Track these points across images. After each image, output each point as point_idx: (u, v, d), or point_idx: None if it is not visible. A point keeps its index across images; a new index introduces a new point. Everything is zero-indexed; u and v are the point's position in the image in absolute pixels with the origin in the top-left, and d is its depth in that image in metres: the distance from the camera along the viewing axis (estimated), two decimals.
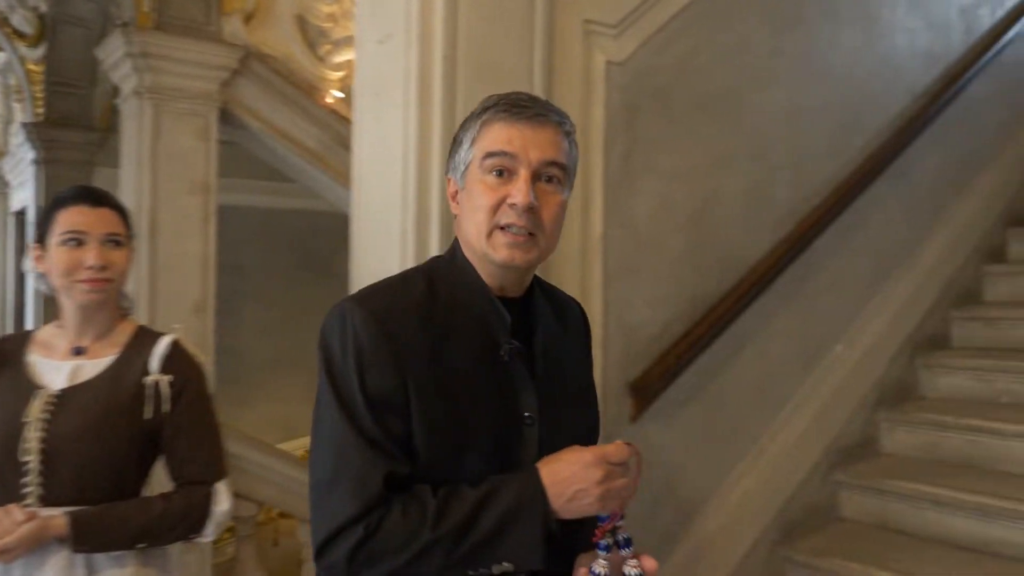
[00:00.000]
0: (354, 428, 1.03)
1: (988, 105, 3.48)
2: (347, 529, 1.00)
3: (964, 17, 3.32)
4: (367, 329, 1.04)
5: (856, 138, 2.77)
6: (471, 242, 1.11)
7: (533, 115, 1.09)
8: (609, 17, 2.01)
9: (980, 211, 3.39)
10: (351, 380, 1.04)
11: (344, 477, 1.02)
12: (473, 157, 1.11)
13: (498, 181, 1.08)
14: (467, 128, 1.13)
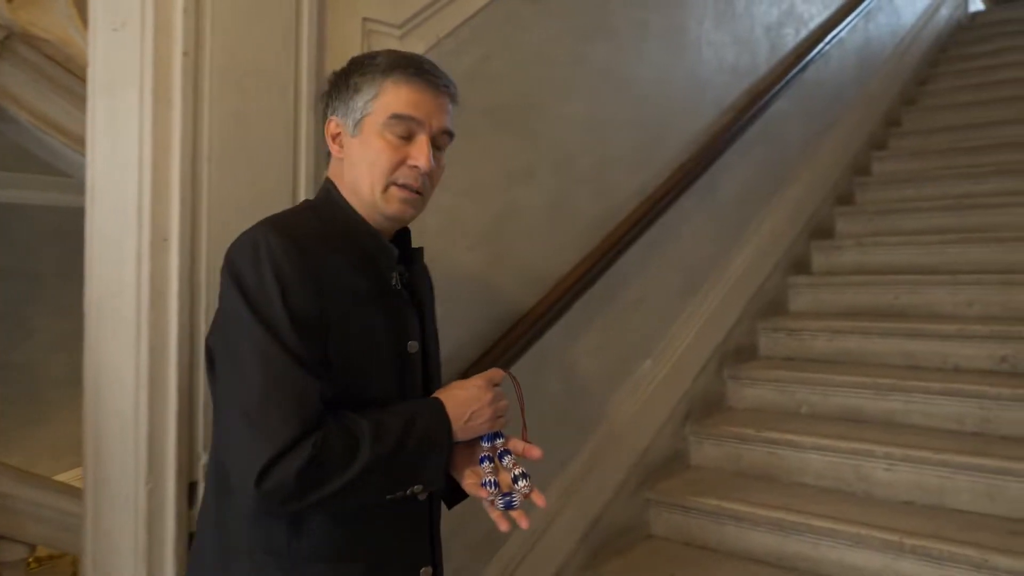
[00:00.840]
0: (283, 348, 1.03)
1: (792, 122, 3.60)
2: (293, 449, 0.99)
3: (769, 35, 3.42)
4: (287, 253, 1.06)
5: (663, 151, 2.76)
6: (359, 190, 1.18)
7: (436, 83, 1.19)
8: (392, 17, 1.85)
9: (785, 224, 3.50)
10: (274, 301, 1.04)
11: (280, 397, 1.01)
12: (374, 111, 1.16)
13: (400, 141, 1.15)
14: (368, 77, 1.17)
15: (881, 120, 4.53)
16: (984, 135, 4.10)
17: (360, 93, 1.17)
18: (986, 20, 5.92)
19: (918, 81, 5.05)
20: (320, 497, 1.02)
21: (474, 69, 2.07)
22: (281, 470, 0.99)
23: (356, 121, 1.18)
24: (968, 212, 3.49)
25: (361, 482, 1.04)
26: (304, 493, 1.00)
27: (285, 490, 0.99)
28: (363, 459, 1.03)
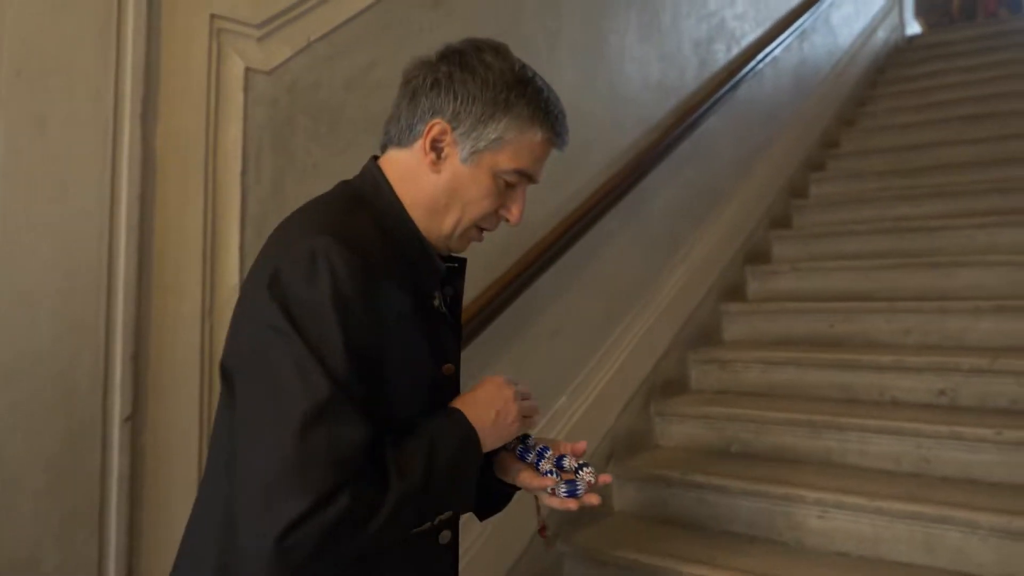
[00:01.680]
0: (333, 381, 0.87)
1: (725, 141, 3.45)
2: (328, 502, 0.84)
3: (698, 51, 3.26)
4: (352, 272, 0.90)
5: (582, 170, 2.56)
6: (439, 213, 1.04)
7: (563, 147, 1.08)
8: (250, 14, 1.62)
9: (719, 248, 3.33)
10: (330, 326, 0.88)
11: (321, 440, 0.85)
12: (501, 151, 1.01)
13: (506, 189, 1.04)
14: (511, 112, 1.01)
15: (818, 141, 4.41)
16: (922, 156, 4.01)
17: (496, 124, 1.01)
18: (923, 43, 5.90)
19: (856, 102, 4.96)
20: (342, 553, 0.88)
21: (355, 77, 1.85)
22: (311, 525, 0.84)
23: (477, 150, 1.02)
24: (906, 235, 3.35)
25: (388, 527, 0.90)
26: (326, 551, 0.86)
27: (306, 548, 0.84)
28: (394, 504, 0.89)
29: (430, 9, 2.03)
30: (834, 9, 4.68)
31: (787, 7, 4.06)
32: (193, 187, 1.51)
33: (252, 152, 1.61)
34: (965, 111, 4.31)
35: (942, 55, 5.42)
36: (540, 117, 1.03)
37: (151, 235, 1.45)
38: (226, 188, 1.56)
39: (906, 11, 6.12)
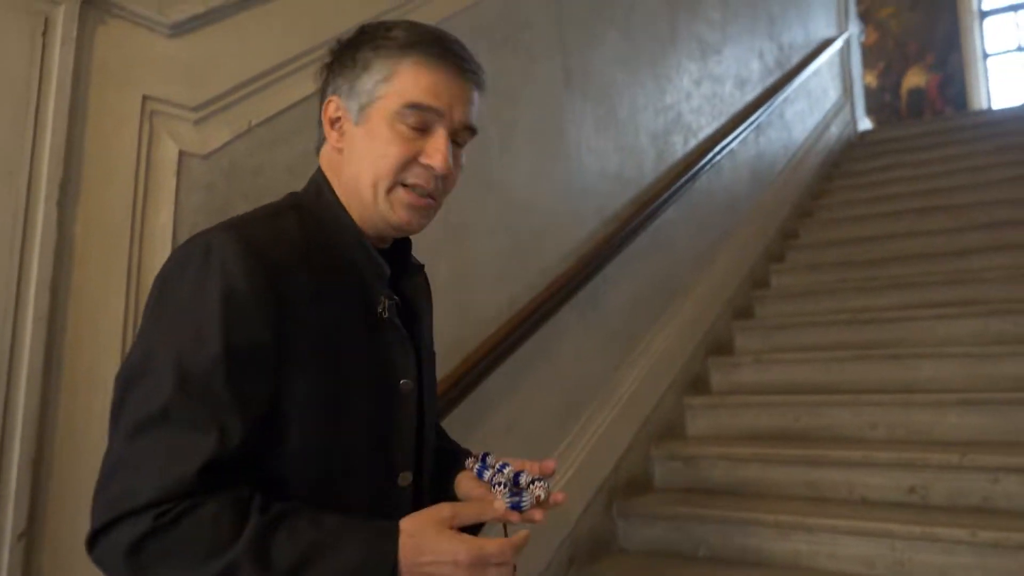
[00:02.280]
0: (183, 392, 0.80)
1: (684, 232, 3.43)
2: (135, 515, 0.77)
3: (656, 143, 3.28)
4: (244, 266, 0.84)
5: (538, 261, 2.50)
6: (359, 188, 0.97)
7: (465, 69, 0.97)
8: (187, 96, 1.55)
9: (680, 339, 3.26)
10: (208, 330, 0.82)
11: (150, 451, 0.79)
12: (386, 95, 0.94)
13: (413, 134, 0.95)
14: (379, 51, 0.95)
15: (777, 232, 4.45)
16: (878, 248, 4.04)
17: (370, 72, 0.95)
18: (874, 138, 6.08)
19: (813, 195, 5.05)
20: None
21: (300, 162, 1.77)
22: (112, 537, 0.78)
23: (362, 106, 0.96)
24: (866, 327, 3.33)
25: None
26: (139, 569, 0.77)
27: (112, 559, 0.79)
28: (227, 558, 0.76)
29: None
30: (788, 104, 4.80)
31: (742, 102, 4.14)
32: (115, 276, 1.41)
33: (183, 238, 1.51)
34: (917, 204, 4.39)
35: (893, 150, 5.58)
36: (409, 40, 0.95)
37: (63, 326, 1.33)
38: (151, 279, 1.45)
39: (857, 108, 6.33)
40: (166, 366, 0.81)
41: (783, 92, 4.57)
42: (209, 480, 0.79)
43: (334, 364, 0.90)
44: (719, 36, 3.96)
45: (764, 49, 4.56)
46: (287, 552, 0.78)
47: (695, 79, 3.68)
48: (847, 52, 6.25)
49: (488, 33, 2.40)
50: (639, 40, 3.20)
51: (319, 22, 1.85)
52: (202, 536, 0.77)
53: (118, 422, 0.83)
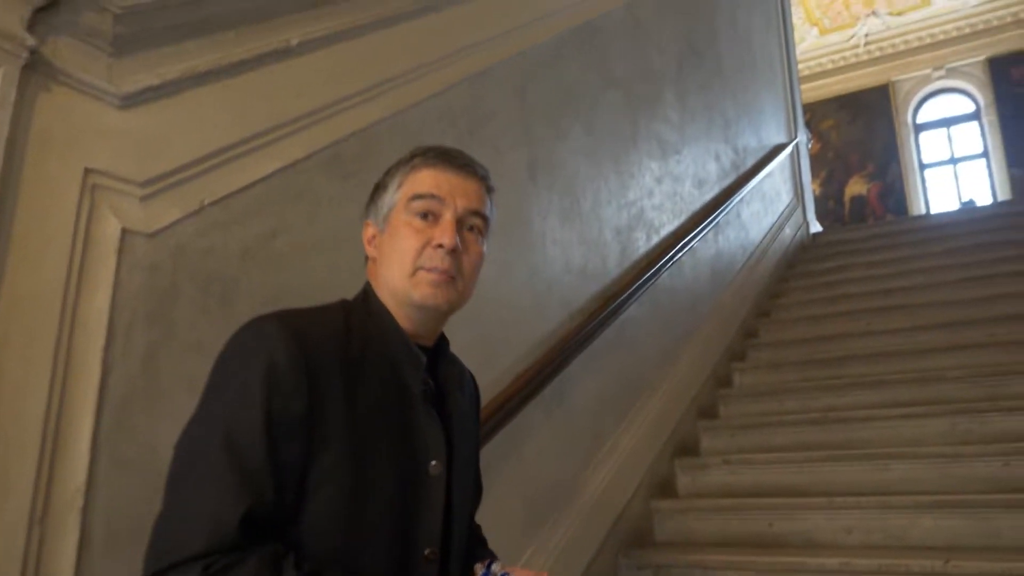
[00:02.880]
0: (226, 447, 0.90)
1: (648, 329, 3.37)
2: (185, 565, 0.85)
3: (619, 238, 3.25)
4: (285, 345, 0.97)
5: (502, 355, 2.39)
6: (391, 283, 1.09)
7: (461, 165, 1.12)
8: (133, 171, 1.44)
9: (646, 440, 3.14)
10: (250, 397, 0.93)
11: (196, 506, 0.88)
12: (398, 200, 1.10)
13: (423, 224, 1.08)
14: (393, 174, 1.14)
15: (738, 331, 4.42)
16: (839, 347, 4.03)
17: (387, 190, 1.13)
18: (826, 240, 6.22)
19: (770, 294, 5.07)
20: None
21: (255, 247, 1.67)
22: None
23: (384, 216, 1.12)
24: (834, 427, 3.26)
25: None
26: None
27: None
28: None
29: (339, 181, 1.90)
30: (744, 205, 4.88)
31: (701, 201, 4.18)
32: (39, 362, 1.26)
33: (121, 323, 1.38)
34: (874, 304, 4.43)
35: (845, 251, 5.69)
36: (408, 157, 1.13)
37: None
38: (83, 365, 1.31)
39: (809, 210, 6.49)
40: (214, 429, 0.92)
41: (739, 193, 4.64)
42: (249, 536, 0.88)
43: (362, 441, 0.99)
44: (678, 136, 4.02)
45: (720, 151, 4.65)
46: None
47: (656, 176, 3.71)
48: (797, 157, 6.45)
49: (454, 122, 2.37)
50: (602, 136, 3.22)
51: (281, 101, 1.78)
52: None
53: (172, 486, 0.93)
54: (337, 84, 1.94)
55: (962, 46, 11.31)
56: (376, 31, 2.09)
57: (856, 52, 12.08)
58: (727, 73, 5.02)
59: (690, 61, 4.38)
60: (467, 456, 1.18)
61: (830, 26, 11.65)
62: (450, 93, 2.38)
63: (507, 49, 2.68)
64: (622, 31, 3.60)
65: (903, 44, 11.75)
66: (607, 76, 3.38)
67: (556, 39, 3.00)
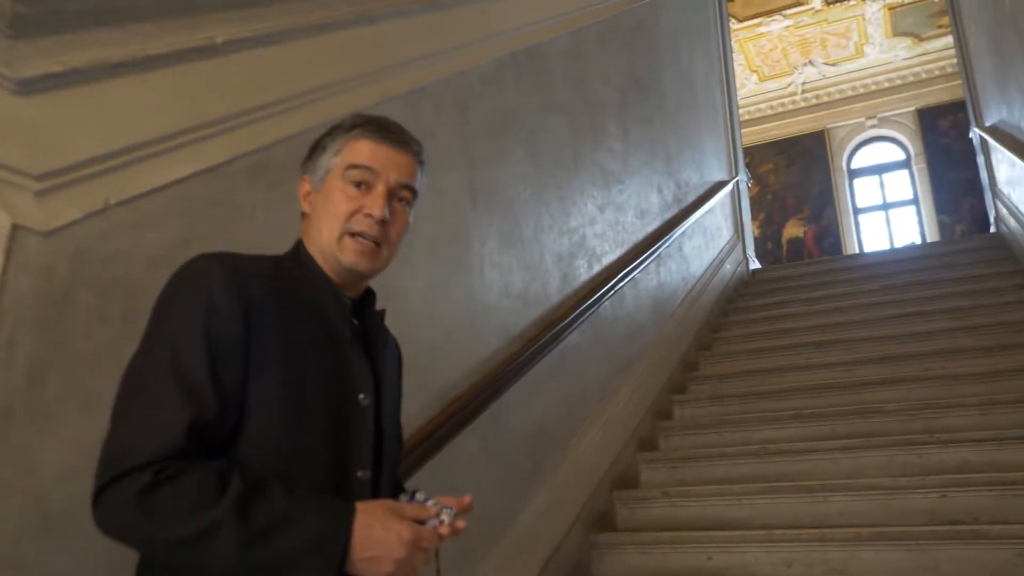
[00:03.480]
0: (171, 366, 0.98)
1: (589, 358, 3.31)
2: (138, 471, 0.91)
3: (560, 265, 3.19)
4: (221, 277, 1.05)
5: (434, 379, 2.29)
6: (320, 241, 1.17)
7: (397, 140, 1.19)
8: (27, 163, 1.32)
9: (584, 471, 3.06)
10: (191, 320, 1.02)
11: (144, 419, 0.96)
12: (335, 165, 1.18)
13: (357, 192, 1.16)
14: (334, 137, 1.20)
15: (679, 364, 4.40)
16: (778, 380, 4.03)
17: (325, 152, 1.20)
18: (765, 277, 6.29)
19: (711, 328, 5.08)
20: (149, 538, 0.92)
21: (163, 253, 1.54)
22: (117, 491, 0.91)
23: (320, 177, 1.19)
24: (773, 459, 3.23)
25: (203, 543, 0.90)
26: (130, 525, 0.91)
27: (114, 517, 0.92)
28: (213, 515, 0.90)
29: (265, 189, 1.80)
30: (686, 239, 4.90)
31: (644, 232, 4.17)
32: None
33: (4, 330, 1.24)
34: (812, 338, 4.45)
35: (784, 287, 5.75)
36: (350, 125, 1.20)
37: None
38: None
39: (748, 247, 6.58)
40: (158, 353, 1.00)
41: (681, 226, 4.66)
42: (196, 449, 0.95)
43: (296, 368, 1.07)
44: (621, 167, 4.02)
45: (663, 184, 4.67)
46: (262, 514, 0.93)
47: (599, 205, 3.68)
48: (737, 195, 6.55)
49: None
50: (544, 161, 3.18)
51: (202, 101, 1.68)
52: (192, 493, 0.91)
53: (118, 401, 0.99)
54: (264, 88, 1.85)
55: (893, 97, 11.77)
56: (307, 38, 2.01)
57: (794, 99, 12.46)
58: (670, 109, 5.07)
59: (634, 94, 4.41)
60: (393, 396, 1.29)
61: (769, 73, 11.98)
62: (386, 107, 2.29)
63: (447, 67, 2.63)
64: (566, 59, 3.59)
65: (838, 93, 12.17)
66: (550, 102, 3.35)
67: (498, 62, 2.96)
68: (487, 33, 2.94)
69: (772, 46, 11.14)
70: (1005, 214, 5.42)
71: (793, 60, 11.64)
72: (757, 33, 10.65)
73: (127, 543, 0.95)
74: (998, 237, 5.65)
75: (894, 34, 10.77)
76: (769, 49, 11.33)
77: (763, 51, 11.43)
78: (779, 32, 10.69)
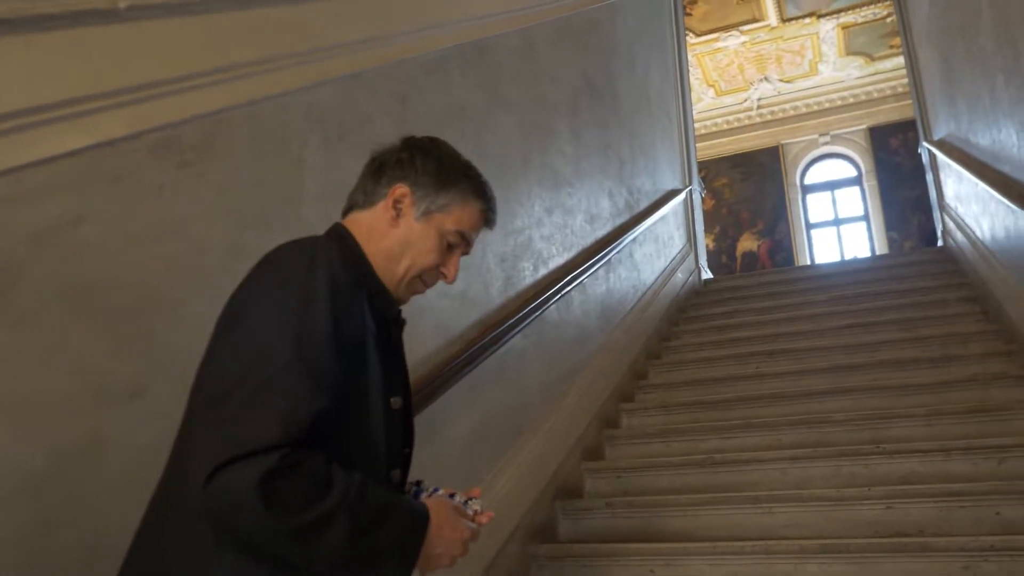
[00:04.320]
0: (300, 354, 0.98)
1: (533, 364, 3.20)
2: (263, 453, 0.90)
3: (504, 266, 3.08)
4: (346, 272, 1.10)
5: None
6: (392, 261, 1.22)
7: (493, 221, 1.33)
8: None
9: (525, 481, 2.94)
10: (320, 310, 1.03)
11: (271, 403, 0.94)
12: (449, 220, 1.24)
13: (447, 248, 1.25)
14: (459, 185, 1.25)
15: (628, 372, 4.31)
16: (726, 389, 3.97)
17: (446, 193, 1.23)
18: (716, 287, 6.26)
19: (661, 337, 5.01)
20: (263, 525, 0.90)
21: (51, 231, 1.40)
22: (239, 471, 0.89)
23: (428, 210, 1.23)
24: (720, 469, 3.15)
25: (317, 532, 0.93)
26: (247, 507, 0.89)
27: (232, 496, 0.89)
28: (330, 505, 0.93)
29: (174, 168, 1.66)
30: (637, 245, 4.83)
31: (593, 237, 4.09)
32: None
33: None
34: (762, 348, 4.41)
35: (736, 297, 5.73)
36: (479, 193, 1.28)
37: None
38: None
39: (701, 257, 6.55)
40: (282, 331, 0.99)
41: (633, 232, 4.59)
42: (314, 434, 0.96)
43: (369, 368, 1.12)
44: (572, 169, 3.93)
45: (614, 189, 4.60)
46: (366, 511, 0.98)
47: (547, 207, 3.58)
48: (691, 205, 6.52)
49: (322, 121, 2.16)
50: (489, 157, 3.06)
51: (101, 69, 1.54)
52: (311, 484, 0.93)
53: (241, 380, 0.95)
54: (174, 61, 1.70)
55: (846, 115, 11.96)
56: (225, 11, 1.86)
57: (749, 114, 12.58)
58: (624, 114, 5.01)
59: (587, 98, 4.33)
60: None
61: (726, 88, 12.08)
62: (317, 91, 2.17)
63: (385, 54, 2.51)
64: (517, 57, 3.50)
65: (792, 110, 12.33)
66: (499, 99, 3.25)
67: (443, 53, 2.85)
68: (432, 23, 2.83)
69: (729, 61, 11.23)
70: (952, 227, 5.46)
71: (749, 76, 11.75)
72: (714, 48, 10.73)
73: (233, 524, 0.92)
74: (945, 251, 5.70)
75: (847, 53, 10.94)
76: (726, 64, 11.41)
77: (720, 66, 11.51)
78: (736, 47, 10.78)
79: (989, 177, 3.81)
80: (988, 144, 3.92)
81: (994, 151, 3.80)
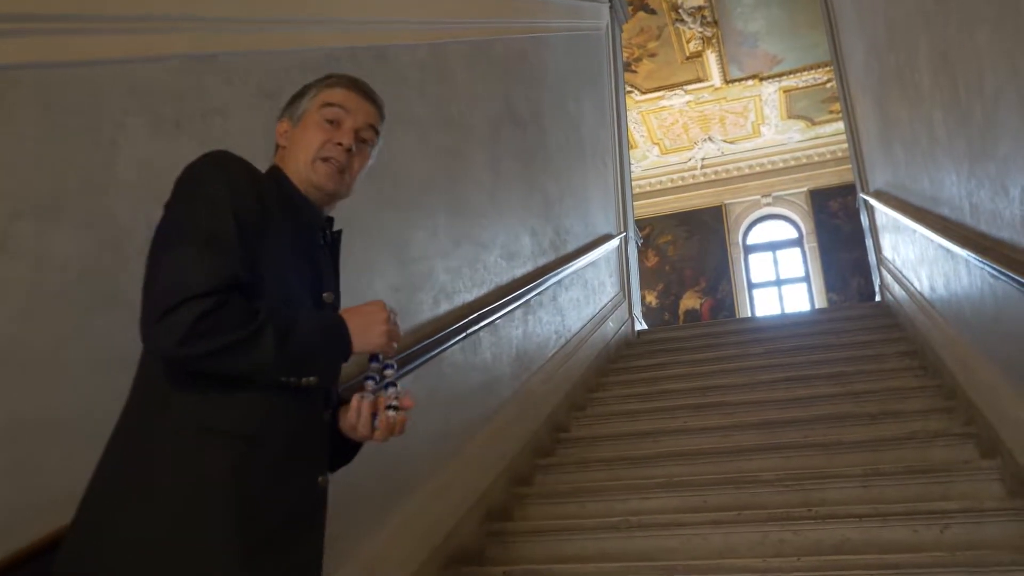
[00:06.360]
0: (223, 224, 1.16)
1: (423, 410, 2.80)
2: (198, 299, 1.07)
3: (397, 296, 2.71)
4: (241, 169, 1.26)
5: None
6: (297, 166, 1.37)
7: (365, 91, 1.43)
8: None
9: (409, 547, 2.53)
10: (223, 195, 1.19)
11: (194, 263, 1.11)
12: (313, 105, 1.40)
13: (330, 127, 1.38)
14: (310, 87, 1.43)
15: (546, 424, 3.93)
16: (651, 445, 3.62)
17: (304, 96, 1.42)
18: (650, 338, 5.97)
19: (587, 388, 4.66)
20: (210, 348, 1.08)
21: None
22: (174, 318, 1.06)
23: (298, 116, 1.40)
24: (636, 534, 2.78)
25: (254, 343, 1.10)
26: (195, 338, 1.06)
27: (178, 329, 1.06)
28: (260, 323, 1.11)
29: None
30: (562, 289, 4.51)
31: (510, 275, 3.75)
32: None
33: None
34: (691, 400, 4.09)
35: (669, 349, 5.44)
36: (327, 77, 1.44)
37: None
38: None
39: (635, 307, 6.27)
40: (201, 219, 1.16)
41: (557, 274, 4.27)
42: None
43: (287, 259, 1.27)
44: (487, 200, 3.62)
45: (538, 227, 4.29)
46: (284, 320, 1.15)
47: (455, 238, 3.24)
48: (625, 253, 6.26)
49: (150, 105, 1.80)
50: (384, 174, 2.72)
51: None
52: (242, 309, 1.11)
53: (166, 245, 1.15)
54: None
55: (787, 177, 12.03)
56: None
57: (693, 173, 12.59)
58: (552, 151, 4.75)
59: (509, 128, 4.05)
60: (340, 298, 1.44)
61: (670, 147, 12.07)
62: (149, 67, 1.82)
63: (248, 41, 2.18)
64: (424, 71, 3.20)
65: (736, 170, 12.37)
66: (399, 115, 2.92)
67: (329, 52, 2.53)
68: (319, 16, 2.52)
69: (673, 120, 11.23)
70: (890, 281, 5.28)
71: (693, 135, 11.76)
72: (659, 106, 10.71)
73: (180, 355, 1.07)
74: (883, 305, 5.51)
75: (788, 116, 11.02)
76: (671, 123, 11.40)
77: (665, 124, 11.50)
78: (680, 107, 10.78)
79: (928, 221, 3.61)
80: (927, 187, 3.73)
81: (932, 194, 3.60)
